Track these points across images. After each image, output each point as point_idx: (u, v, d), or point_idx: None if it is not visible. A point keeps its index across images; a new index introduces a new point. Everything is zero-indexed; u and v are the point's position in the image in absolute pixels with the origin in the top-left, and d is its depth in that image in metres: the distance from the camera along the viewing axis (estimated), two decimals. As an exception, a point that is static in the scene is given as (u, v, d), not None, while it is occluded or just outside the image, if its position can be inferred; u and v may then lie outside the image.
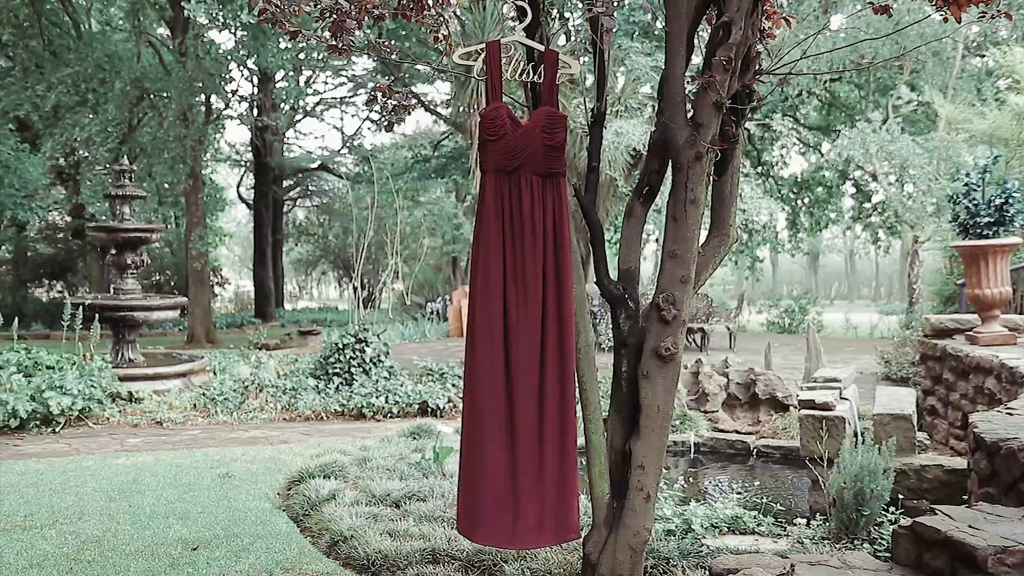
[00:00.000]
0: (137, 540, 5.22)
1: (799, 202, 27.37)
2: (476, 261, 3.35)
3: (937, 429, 8.47)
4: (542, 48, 3.55)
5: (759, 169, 25.92)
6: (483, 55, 3.44)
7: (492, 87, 3.42)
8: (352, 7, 3.55)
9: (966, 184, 8.52)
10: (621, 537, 3.80)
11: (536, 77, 3.60)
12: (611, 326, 4.01)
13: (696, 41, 4.11)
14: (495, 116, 3.35)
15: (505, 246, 3.30)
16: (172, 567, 4.74)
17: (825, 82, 22.08)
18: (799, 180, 26.99)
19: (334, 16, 3.47)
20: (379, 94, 4.01)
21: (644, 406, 3.78)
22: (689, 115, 3.75)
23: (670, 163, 3.80)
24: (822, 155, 26.06)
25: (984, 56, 21.29)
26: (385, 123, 4.07)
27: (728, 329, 17.51)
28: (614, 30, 3.82)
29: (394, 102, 3.89)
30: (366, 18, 3.83)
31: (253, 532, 5.41)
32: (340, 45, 3.57)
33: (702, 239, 4.09)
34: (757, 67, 4.11)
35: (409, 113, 3.94)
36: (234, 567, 4.75)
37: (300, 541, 5.27)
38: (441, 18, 4.01)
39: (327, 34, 3.80)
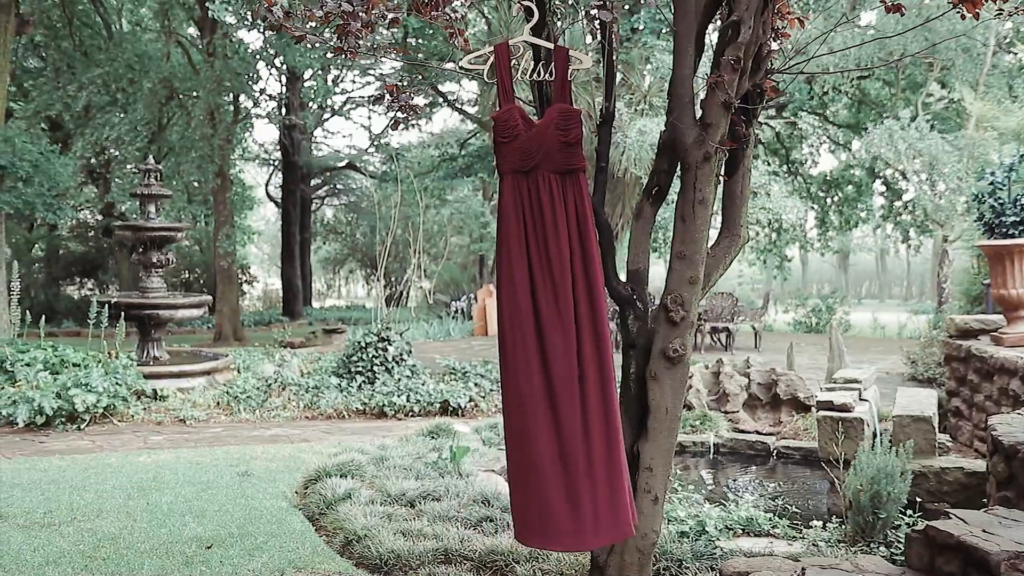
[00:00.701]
0: (153, 538, 5.26)
1: (828, 200, 27.15)
2: (500, 265, 3.32)
3: (961, 431, 8.37)
4: (550, 46, 3.54)
5: (784, 168, 25.73)
6: (491, 58, 3.43)
7: (503, 89, 3.41)
8: (359, 9, 3.55)
9: (991, 183, 8.41)
10: (629, 540, 3.78)
11: (547, 75, 3.59)
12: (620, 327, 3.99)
13: (708, 41, 4.09)
14: (507, 118, 3.33)
15: (529, 247, 3.26)
16: (186, 565, 4.78)
17: (854, 79, 21.87)
18: (828, 178, 26.78)
19: (339, 20, 3.47)
20: (387, 94, 4.02)
21: (652, 407, 3.76)
22: (698, 115, 3.73)
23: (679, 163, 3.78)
24: (852, 153, 25.84)
25: (1015, 52, 21.02)
26: (392, 123, 4.07)
27: (754, 328, 17.41)
28: (615, 23, 3.78)
29: (400, 102, 3.88)
30: (379, 20, 3.83)
31: (268, 531, 5.43)
32: (346, 48, 3.57)
33: (712, 239, 4.07)
34: (769, 66, 4.08)
35: (416, 113, 3.94)
36: (247, 565, 4.78)
37: (314, 540, 5.29)
38: (455, 16, 3.99)
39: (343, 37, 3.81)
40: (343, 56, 3.57)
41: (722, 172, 4.05)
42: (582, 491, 3.15)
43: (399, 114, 4.05)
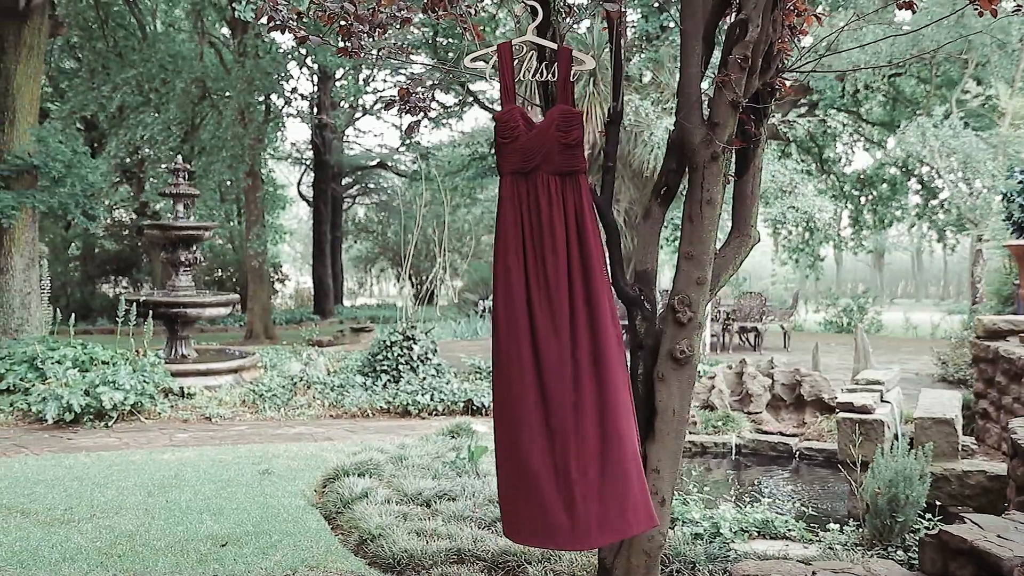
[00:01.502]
0: (169, 535, 5.31)
1: (863, 199, 26.88)
2: (497, 267, 3.29)
3: (989, 433, 8.25)
4: (554, 46, 3.52)
5: (816, 166, 25.49)
6: (494, 57, 3.42)
7: (505, 89, 3.39)
8: (364, 12, 3.55)
9: (1021, 181, 8.28)
10: (636, 542, 3.76)
11: (550, 76, 3.57)
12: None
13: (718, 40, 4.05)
14: (508, 118, 3.32)
15: (526, 250, 3.22)
16: (199, 563, 4.81)
17: (887, 77, 21.63)
18: (862, 176, 26.50)
19: (343, 21, 3.47)
20: (399, 98, 4.02)
21: (659, 409, 3.74)
22: (708, 115, 3.69)
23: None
24: (886, 151, 25.56)
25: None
26: (406, 129, 4.07)
27: (782, 328, 17.27)
28: (623, 18, 3.75)
29: (410, 104, 3.88)
30: (390, 22, 3.83)
31: (283, 529, 5.46)
32: (350, 50, 3.58)
33: (723, 240, 4.04)
34: (780, 64, 4.04)
35: (426, 115, 3.93)
36: (260, 564, 4.80)
37: (329, 539, 5.31)
38: (464, 12, 3.98)
39: (380, 39, 3.82)
40: (347, 56, 3.57)
41: (732, 172, 4.02)
42: (576, 491, 3.10)
43: (411, 116, 4.05)
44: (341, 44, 3.64)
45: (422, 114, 3.94)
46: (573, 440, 3.12)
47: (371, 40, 3.85)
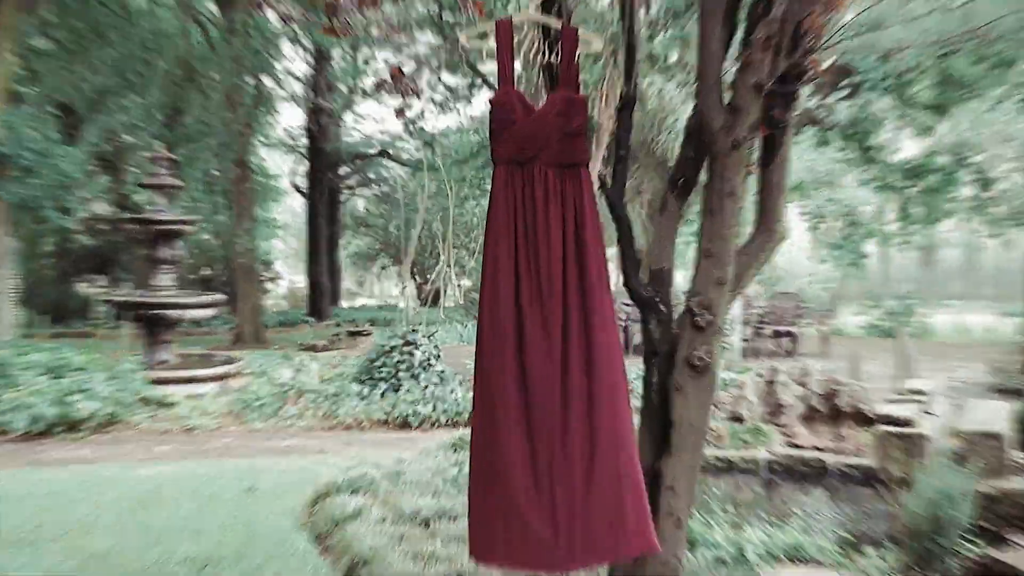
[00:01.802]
0: (143, 558, 5.33)
1: (911, 191, 26.68)
2: (485, 265, 3.22)
3: (1045, 448, 8.20)
4: (559, 24, 3.50)
5: (859, 155, 25.32)
6: (492, 35, 3.40)
7: (502, 71, 3.37)
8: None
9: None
10: (650, 566, 3.75)
11: (554, 57, 3.55)
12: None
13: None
14: (505, 101, 3.28)
15: (517, 246, 3.16)
16: (175, 587, 4.84)
17: (936, 56, 21.49)
18: (910, 166, 26.30)
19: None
20: (391, 78, 4.03)
21: (675, 421, 3.72)
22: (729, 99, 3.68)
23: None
24: (937, 138, 25.37)
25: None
26: (397, 111, 4.08)
27: (820, 332, 17.22)
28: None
29: (402, 85, 3.89)
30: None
31: (268, 551, 5.48)
32: (337, 27, 3.59)
33: (747, 236, 4.02)
34: (810, 44, 4.02)
35: (418, 97, 3.94)
36: (240, 589, 4.83)
37: (317, 562, 5.33)
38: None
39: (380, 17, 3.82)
40: (335, 35, 3.58)
41: (755, 162, 4.01)
42: (559, 507, 3.07)
43: (404, 98, 4.06)
44: (328, 23, 3.65)
45: (415, 96, 3.95)
46: (559, 453, 3.07)
47: (364, 18, 3.85)
